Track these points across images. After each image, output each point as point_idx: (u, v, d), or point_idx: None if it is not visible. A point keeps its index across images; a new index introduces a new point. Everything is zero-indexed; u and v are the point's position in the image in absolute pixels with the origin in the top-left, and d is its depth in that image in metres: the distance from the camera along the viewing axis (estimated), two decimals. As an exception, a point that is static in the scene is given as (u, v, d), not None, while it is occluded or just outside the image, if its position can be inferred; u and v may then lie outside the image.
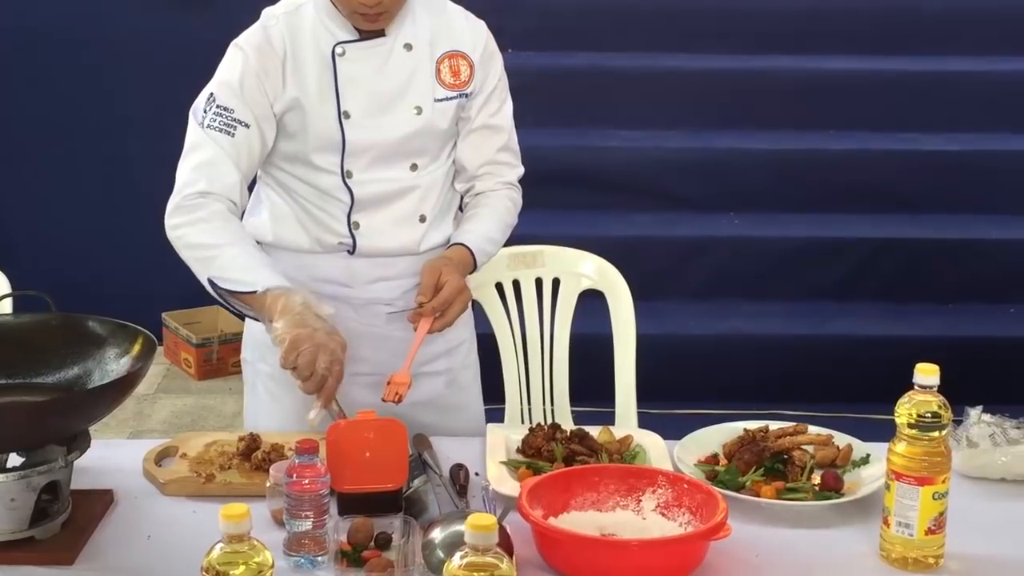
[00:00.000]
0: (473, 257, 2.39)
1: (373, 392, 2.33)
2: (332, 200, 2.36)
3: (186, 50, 5.00)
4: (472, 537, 1.51)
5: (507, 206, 2.49)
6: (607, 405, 2.78)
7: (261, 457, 2.16)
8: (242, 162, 2.30)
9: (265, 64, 2.29)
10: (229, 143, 2.28)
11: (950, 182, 4.74)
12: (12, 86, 5.09)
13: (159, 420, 4.65)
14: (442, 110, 2.37)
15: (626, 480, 2.03)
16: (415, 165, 2.38)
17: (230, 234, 2.25)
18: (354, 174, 2.35)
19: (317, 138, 2.33)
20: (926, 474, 1.88)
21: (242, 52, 2.31)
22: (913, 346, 2.84)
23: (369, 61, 2.33)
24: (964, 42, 5.17)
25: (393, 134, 2.35)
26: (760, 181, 4.74)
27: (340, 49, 2.31)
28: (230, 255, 2.22)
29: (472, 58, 2.40)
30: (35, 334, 2.12)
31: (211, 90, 2.32)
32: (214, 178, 2.27)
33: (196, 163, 2.29)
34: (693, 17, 5.16)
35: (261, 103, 2.30)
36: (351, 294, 2.41)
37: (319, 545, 1.89)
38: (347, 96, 2.32)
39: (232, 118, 2.28)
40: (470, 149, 2.44)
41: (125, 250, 5.10)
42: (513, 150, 2.52)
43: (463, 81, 2.39)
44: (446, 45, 2.38)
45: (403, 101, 2.35)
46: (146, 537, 1.99)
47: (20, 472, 1.89)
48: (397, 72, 2.35)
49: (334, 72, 2.31)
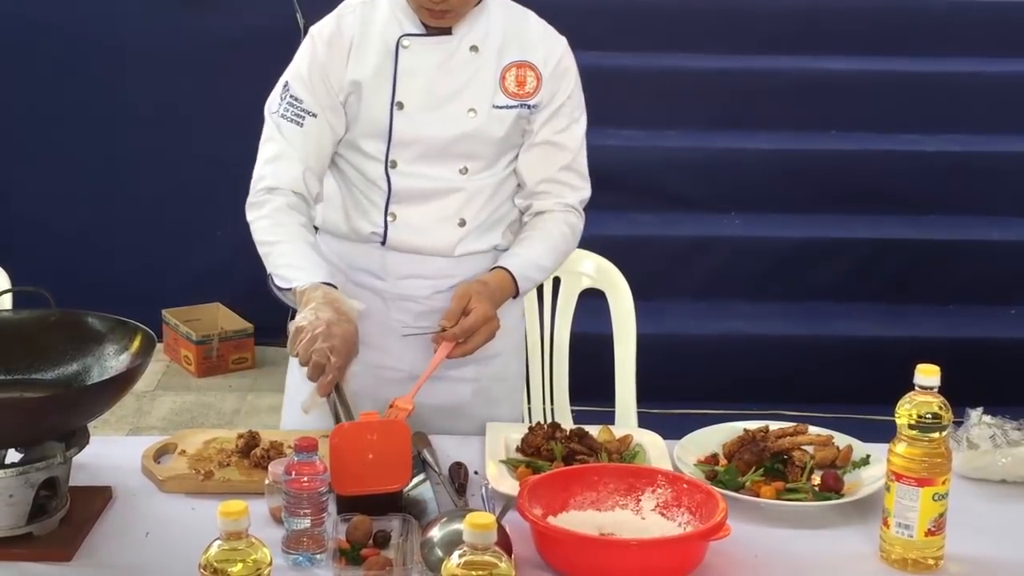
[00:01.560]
0: (515, 283, 2.35)
1: (394, 388, 2.32)
2: (374, 188, 2.37)
3: (189, 48, 5.01)
4: (471, 536, 1.51)
5: (562, 232, 2.43)
6: (607, 404, 2.77)
7: (260, 454, 2.16)
8: (309, 153, 2.34)
9: (332, 55, 2.33)
10: (297, 133, 2.34)
11: (951, 183, 4.74)
12: (14, 82, 5.09)
13: (159, 417, 4.64)
14: (499, 117, 2.36)
15: (625, 479, 2.02)
16: (465, 168, 2.37)
17: (285, 231, 2.30)
18: (399, 165, 2.35)
19: (367, 124, 2.35)
20: (926, 475, 1.88)
21: (312, 43, 2.36)
22: (913, 347, 2.84)
23: (431, 56, 2.34)
24: (965, 43, 5.17)
25: (442, 132, 2.34)
26: (761, 181, 4.75)
27: (406, 41, 2.33)
28: (280, 251, 2.28)
29: (542, 71, 2.38)
30: (34, 330, 2.12)
31: (286, 79, 2.38)
32: (279, 172, 2.33)
33: (265, 158, 2.37)
34: (694, 17, 5.16)
35: (328, 94, 2.34)
36: (383, 287, 2.41)
37: (317, 543, 1.89)
38: (403, 87, 2.33)
39: (301, 108, 2.34)
40: (530, 164, 2.42)
41: (126, 247, 5.10)
42: (579, 172, 2.46)
43: (527, 92, 2.37)
44: (516, 54, 2.37)
45: (458, 101, 2.34)
46: (144, 534, 1.98)
47: (18, 468, 1.89)
48: (458, 72, 2.34)
49: (395, 62, 2.33)
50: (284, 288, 2.25)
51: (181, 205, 5.04)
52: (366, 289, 2.40)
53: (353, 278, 2.41)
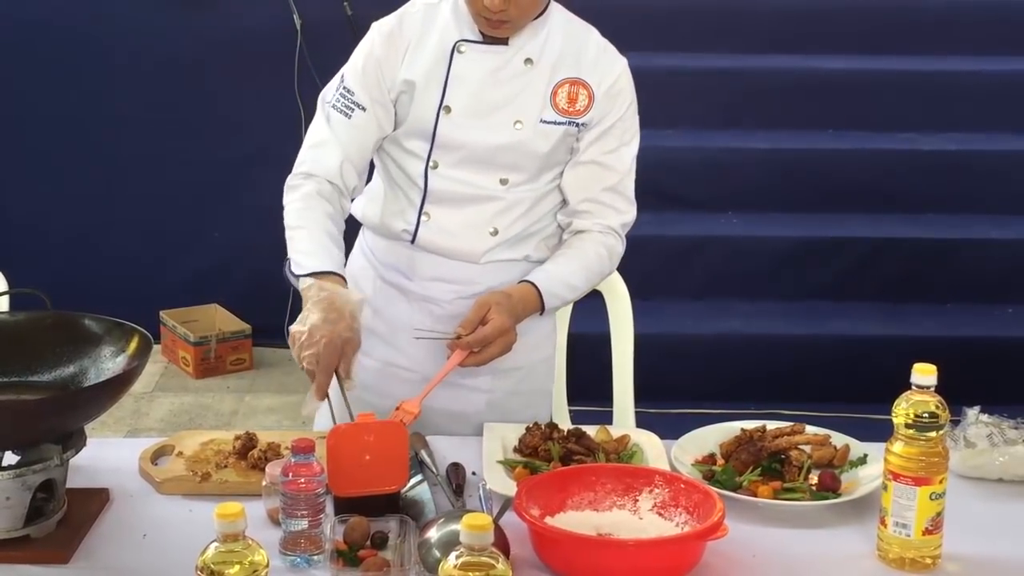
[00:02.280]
0: (541, 298, 2.33)
1: (406, 387, 2.32)
2: (413, 186, 2.38)
3: (185, 49, 5.01)
4: (468, 537, 1.51)
5: (598, 253, 2.40)
6: (604, 404, 2.77)
7: (257, 456, 2.16)
8: (351, 144, 2.35)
9: (388, 51, 2.34)
10: (344, 124, 2.35)
11: (948, 182, 4.74)
12: (10, 84, 5.09)
13: (156, 418, 4.64)
14: (545, 132, 2.35)
15: (623, 480, 2.02)
16: (506, 180, 2.36)
17: (308, 217, 2.31)
18: (440, 167, 2.36)
19: (414, 123, 2.36)
20: (923, 474, 1.88)
21: (371, 38, 2.37)
22: (911, 346, 2.84)
23: (484, 65, 2.33)
24: (962, 42, 5.17)
25: (486, 140, 2.34)
26: (758, 180, 4.75)
27: (461, 47, 2.33)
28: (300, 237, 2.30)
29: (595, 90, 2.37)
30: (31, 332, 2.12)
31: (344, 70, 2.39)
32: (318, 159, 2.35)
33: (309, 143, 2.39)
34: (691, 16, 5.16)
35: (379, 89, 2.35)
36: (410, 287, 2.42)
37: (315, 544, 1.89)
38: (452, 91, 2.33)
39: (352, 100, 2.35)
40: (574, 182, 2.40)
41: (123, 248, 5.10)
42: (624, 195, 2.44)
43: (578, 110, 2.36)
44: (571, 70, 2.36)
45: (506, 112, 2.34)
46: (142, 536, 1.98)
47: (15, 470, 1.89)
48: (509, 83, 2.34)
49: (448, 65, 2.33)
50: (297, 274, 2.26)
51: (178, 206, 5.04)
52: (393, 287, 2.42)
53: (383, 275, 2.44)
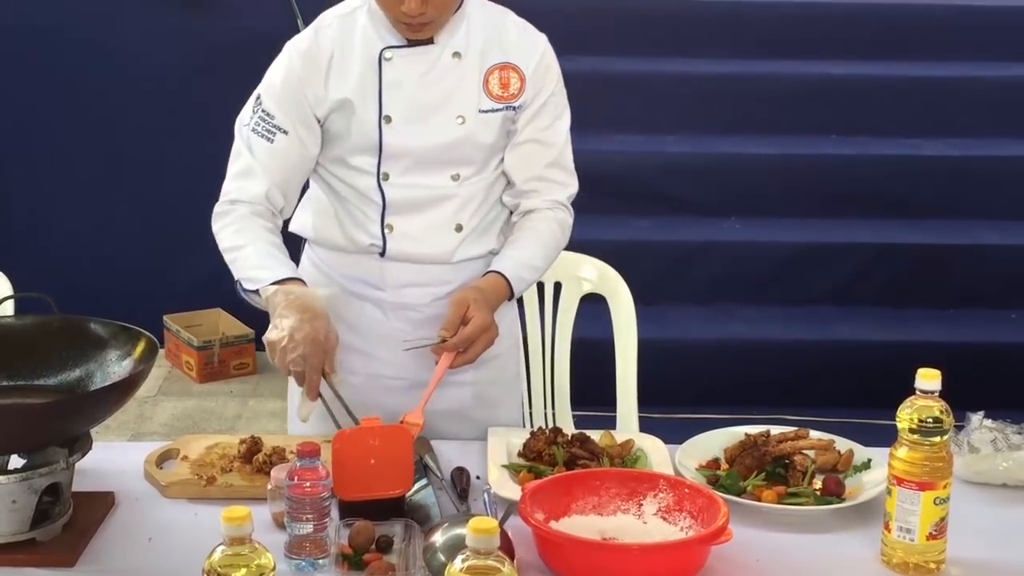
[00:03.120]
0: (510, 285, 2.35)
1: (394, 397, 2.34)
2: (368, 201, 2.37)
3: (189, 52, 5.02)
4: (474, 540, 1.51)
5: (552, 229, 2.43)
6: (608, 409, 2.78)
7: (262, 460, 2.16)
8: (277, 169, 2.33)
9: (308, 71, 2.31)
10: (266, 149, 2.33)
11: (952, 187, 4.74)
12: (15, 89, 5.09)
13: (160, 423, 4.65)
14: (487, 121, 2.35)
15: (627, 484, 2.03)
16: (457, 175, 2.36)
17: (247, 235, 2.30)
18: (391, 177, 2.35)
19: (357, 140, 2.34)
20: (927, 479, 1.88)
21: (288, 57, 2.34)
22: (914, 351, 2.83)
23: (415, 67, 2.33)
24: (966, 47, 5.18)
25: (433, 141, 2.34)
26: (761, 186, 4.75)
27: (388, 54, 2.32)
28: (245, 255, 2.28)
29: (524, 71, 2.37)
30: (37, 336, 2.13)
31: (259, 91, 2.36)
32: (243, 188, 2.33)
33: (233, 173, 2.36)
34: (695, 21, 5.17)
35: (302, 110, 2.32)
36: (382, 297, 2.41)
37: (320, 548, 1.89)
38: (389, 100, 2.32)
39: (273, 124, 2.33)
40: (516, 162, 2.41)
41: (127, 252, 5.10)
42: (565, 167, 2.46)
43: (512, 94, 2.36)
44: (498, 56, 2.36)
45: (446, 110, 2.34)
46: (147, 539, 1.99)
47: (22, 474, 1.89)
48: (443, 80, 2.33)
49: (379, 75, 2.32)
50: (251, 290, 2.26)
51: (182, 210, 5.00)
52: (365, 300, 2.41)
53: (350, 289, 2.40)
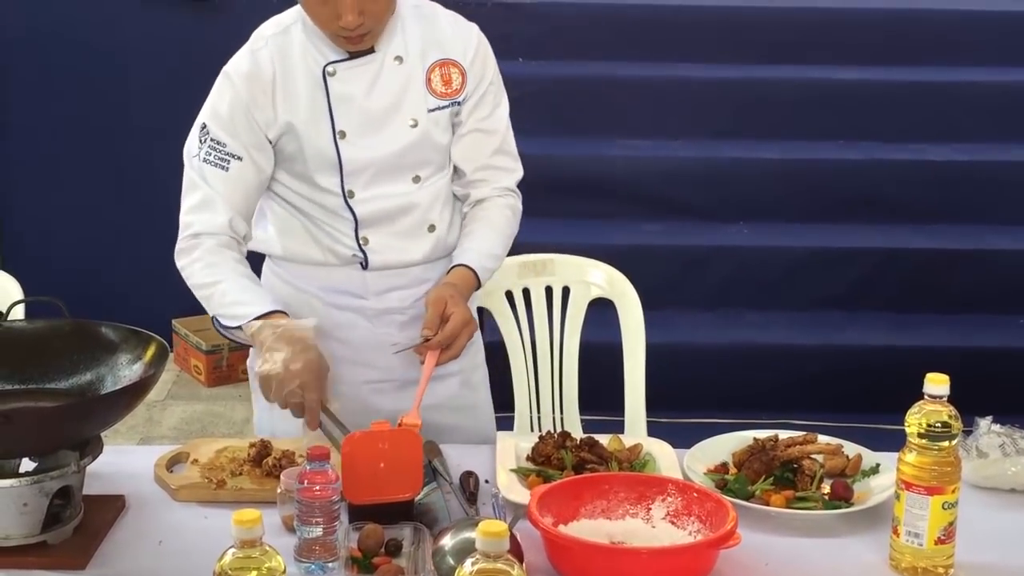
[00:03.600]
0: (476, 276, 2.37)
1: (386, 398, 2.37)
2: (338, 218, 2.37)
3: (197, 56, 5.00)
4: (483, 544, 1.51)
5: (506, 216, 2.45)
6: (616, 414, 2.78)
7: (272, 463, 2.17)
8: (236, 196, 2.32)
9: (254, 94, 2.30)
10: (222, 179, 2.31)
11: (959, 192, 4.74)
12: (24, 93, 5.11)
13: (169, 427, 4.66)
14: (436, 120, 2.36)
15: (636, 488, 2.03)
16: (418, 177, 2.38)
17: (220, 270, 2.28)
18: (356, 193, 2.35)
19: (315, 159, 2.33)
20: (936, 484, 1.88)
21: (231, 83, 2.31)
22: (922, 356, 2.85)
23: (360, 79, 2.33)
24: (972, 52, 5.17)
25: (390, 149, 2.34)
26: (768, 191, 4.75)
27: (331, 69, 2.31)
28: (221, 291, 2.27)
29: (463, 65, 2.38)
30: (48, 340, 2.13)
31: (203, 120, 2.33)
32: (204, 220, 2.31)
33: (189, 206, 2.33)
34: (702, 27, 5.17)
35: (253, 134, 2.31)
36: (365, 304, 2.42)
37: (329, 551, 1.89)
38: (340, 116, 2.32)
39: (226, 152, 2.31)
40: (464, 153, 2.41)
41: (136, 257, 5.11)
42: (509, 153, 2.48)
43: (455, 89, 2.37)
44: (437, 54, 2.36)
45: (397, 116, 2.34)
46: (157, 542, 1.99)
47: (33, 477, 1.90)
48: (389, 87, 2.34)
49: (326, 92, 2.31)
50: (232, 327, 2.25)
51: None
52: (347, 310, 2.42)
53: (330, 300, 2.42)
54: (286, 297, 2.40)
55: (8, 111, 5.11)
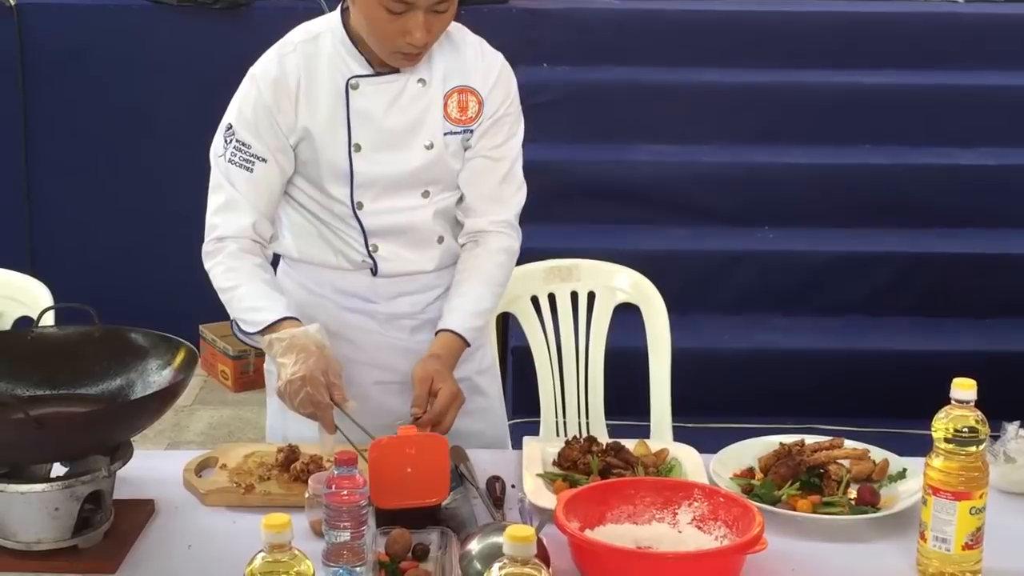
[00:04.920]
0: (464, 339, 2.36)
1: (401, 399, 2.37)
2: (349, 227, 2.40)
3: (222, 63, 5.02)
4: (511, 548, 1.52)
5: (499, 262, 2.43)
6: (642, 419, 2.78)
7: (300, 468, 2.18)
8: (260, 198, 2.35)
9: (278, 99, 2.32)
10: (247, 180, 2.33)
11: (986, 197, 4.72)
12: (52, 99, 5.15)
13: (196, 431, 4.68)
14: (447, 143, 2.38)
15: (662, 493, 2.03)
16: (427, 192, 2.39)
17: (239, 275, 2.32)
18: (365, 205, 2.37)
19: (328, 168, 2.36)
20: (963, 489, 1.88)
21: (257, 86, 2.33)
22: (948, 361, 2.83)
23: (382, 96, 2.34)
24: (1001, 56, 5.15)
25: (403, 168, 2.36)
26: (794, 195, 4.74)
27: (355, 82, 2.33)
28: (239, 296, 2.31)
29: (481, 94, 2.39)
30: (79, 346, 2.15)
31: (229, 120, 2.36)
32: (229, 222, 2.34)
33: (215, 207, 2.37)
34: (727, 31, 5.17)
35: (277, 138, 2.33)
36: (375, 308, 2.44)
37: (357, 556, 1.90)
38: (358, 129, 2.34)
39: (250, 154, 2.33)
40: (468, 178, 2.42)
41: (164, 263, 5.13)
42: (514, 181, 2.46)
43: (470, 117, 2.38)
44: (457, 80, 2.37)
45: (414, 137, 2.36)
46: (187, 546, 2.01)
47: (64, 481, 1.92)
48: (410, 108, 2.35)
49: (347, 104, 2.33)
50: (250, 332, 2.29)
51: (218, 221, 5.08)
52: (358, 313, 2.44)
53: (342, 303, 2.44)
54: (299, 298, 2.43)
55: (38, 119, 5.15)
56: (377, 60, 2.33)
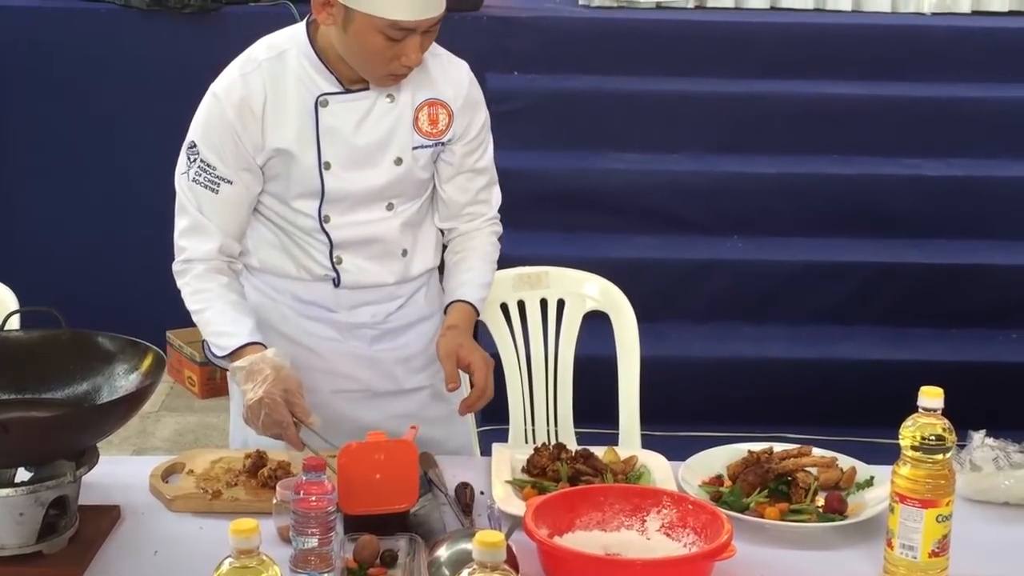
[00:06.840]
0: (476, 309, 2.44)
1: (359, 408, 2.41)
2: (314, 240, 2.40)
3: (191, 67, 5.01)
4: (480, 554, 1.52)
5: (492, 243, 2.53)
6: (611, 426, 2.79)
7: (267, 474, 2.17)
8: (226, 220, 2.34)
9: (244, 119, 2.30)
10: (212, 201, 2.33)
11: (952, 207, 4.75)
12: (19, 101, 5.11)
13: (162, 438, 4.65)
14: (417, 157, 2.39)
15: (631, 500, 2.04)
16: (391, 205, 2.41)
17: (205, 297, 2.32)
18: (332, 218, 2.37)
19: (297, 185, 2.35)
20: (930, 497, 1.89)
21: (219, 106, 2.31)
22: (916, 370, 2.85)
23: (352, 114, 2.34)
24: (967, 68, 5.19)
25: (373, 184, 2.37)
26: (763, 204, 4.76)
27: (324, 100, 2.32)
28: (206, 320, 2.32)
29: (452, 107, 2.39)
30: (45, 350, 2.14)
31: (193, 139, 2.34)
32: (195, 246, 2.35)
33: (181, 229, 2.37)
34: (697, 41, 5.18)
35: (242, 159, 2.32)
36: (336, 318, 2.45)
37: (325, 562, 1.89)
38: (328, 147, 2.33)
39: (215, 175, 2.32)
40: (455, 191, 2.46)
41: (131, 268, 5.10)
42: (493, 185, 2.54)
43: (440, 130, 2.39)
44: (426, 93, 2.38)
45: (383, 153, 2.36)
46: (153, 553, 2.00)
47: (29, 487, 1.90)
48: (379, 124, 2.35)
49: (316, 122, 2.32)
50: (219, 356, 2.30)
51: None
52: (317, 320, 2.45)
53: (304, 312, 2.45)
54: (260, 306, 2.44)
55: (4, 121, 5.11)
56: (347, 77, 2.32)
